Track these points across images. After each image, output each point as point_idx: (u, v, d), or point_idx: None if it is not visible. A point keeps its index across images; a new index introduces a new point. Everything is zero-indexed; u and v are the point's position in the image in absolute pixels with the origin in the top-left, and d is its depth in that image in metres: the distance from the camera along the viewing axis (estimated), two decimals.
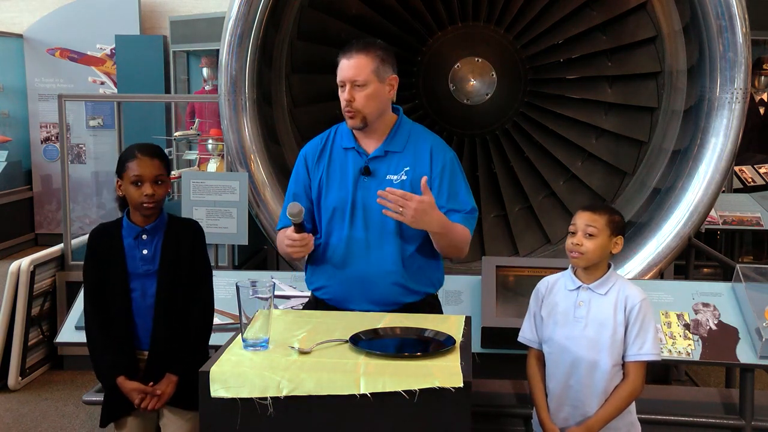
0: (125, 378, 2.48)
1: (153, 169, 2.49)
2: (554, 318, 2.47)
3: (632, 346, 2.40)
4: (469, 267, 4.39)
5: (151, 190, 2.47)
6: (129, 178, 2.47)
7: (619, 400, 2.40)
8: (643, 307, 2.40)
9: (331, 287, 2.62)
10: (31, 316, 4.45)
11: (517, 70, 4.69)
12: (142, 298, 2.51)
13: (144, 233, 2.53)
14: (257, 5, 4.01)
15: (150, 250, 2.52)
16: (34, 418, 4.04)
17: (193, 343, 2.55)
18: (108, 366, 2.50)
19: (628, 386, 2.41)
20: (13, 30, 8.34)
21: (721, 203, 5.35)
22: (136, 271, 2.51)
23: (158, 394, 2.49)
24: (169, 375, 2.51)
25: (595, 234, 2.40)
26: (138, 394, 2.47)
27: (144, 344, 2.53)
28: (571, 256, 2.43)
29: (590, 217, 2.41)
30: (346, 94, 2.52)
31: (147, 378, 2.51)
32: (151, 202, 2.48)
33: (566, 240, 2.46)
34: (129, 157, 2.49)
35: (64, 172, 4.72)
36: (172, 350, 2.51)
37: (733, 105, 3.84)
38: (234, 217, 4.16)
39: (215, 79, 6.95)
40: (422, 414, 1.92)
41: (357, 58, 2.51)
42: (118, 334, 2.50)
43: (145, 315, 2.51)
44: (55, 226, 8.22)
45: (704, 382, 4.43)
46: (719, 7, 3.78)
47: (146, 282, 2.51)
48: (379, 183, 2.56)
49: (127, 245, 2.52)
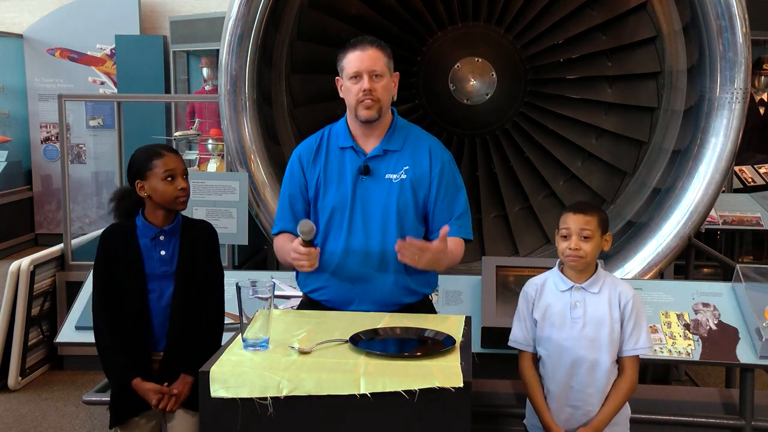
0: (141, 379, 2.47)
1: (181, 164, 2.52)
2: (550, 320, 2.47)
3: (628, 341, 2.42)
4: (469, 267, 4.39)
5: (186, 184, 2.49)
6: (159, 175, 2.46)
7: (620, 395, 2.42)
8: (636, 301, 2.44)
9: (330, 288, 2.60)
10: (31, 316, 4.45)
11: (517, 70, 4.69)
12: (158, 299, 2.51)
13: (162, 234, 2.52)
14: (257, 5, 4.01)
15: (168, 251, 2.52)
16: (34, 418, 4.04)
17: (206, 344, 2.52)
18: (121, 367, 2.48)
19: (627, 381, 2.43)
20: (13, 30, 8.34)
21: (721, 203, 5.36)
22: (154, 272, 2.50)
23: (175, 393, 2.48)
24: (184, 375, 2.50)
25: (590, 236, 2.40)
26: (155, 394, 2.46)
27: (158, 345, 2.52)
28: (568, 260, 2.43)
29: (584, 220, 2.41)
30: (365, 83, 2.50)
31: (160, 379, 2.50)
32: (185, 196, 2.49)
33: (558, 244, 2.45)
34: (153, 156, 2.49)
35: (64, 172, 4.72)
36: (186, 351, 2.50)
37: (733, 105, 3.84)
38: (234, 217, 4.16)
39: (215, 79, 6.95)
40: (422, 414, 1.92)
41: (373, 50, 2.52)
42: (132, 335, 2.49)
43: (160, 316, 2.51)
44: (55, 226, 8.22)
45: (704, 382, 4.43)
46: (719, 7, 3.78)
47: (163, 283, 2.51)
48: (378, 182, 2.56)
49: (143, 246, 2.51)
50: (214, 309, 2.60)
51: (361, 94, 2.50)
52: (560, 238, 2.44)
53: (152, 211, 2.53)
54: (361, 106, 2.52)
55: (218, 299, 2.63)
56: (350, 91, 2.54)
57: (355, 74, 2.52)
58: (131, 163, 2.54)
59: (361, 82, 2.51)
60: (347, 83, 2.55)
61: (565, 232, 2.42)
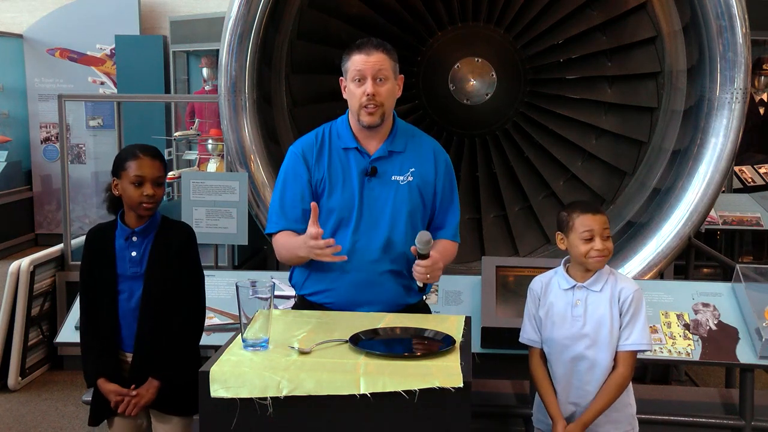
0: (105, 380, 2.47)
1: (154, 170, 2.48)
2: (551, 318, 2.48)
3: (621, 336, 2.41)
4: (469, 267, 4.39)
5: (152, 191, 2.46)
6: (129, 178, 2.46)
7: (609, 390, 2.40)
8: (636, 297, 2.42)
9: (335, 291, 2.56)
10: (31, 316, 4.45)
11: (517, 70, 4.69)
12: (128, 301, 2.50)
13: (134, 235, 2.51)
14: (257, 5, 4.01)
15: (138, 252, 2.50)
16: (34, 418, 4.04)
17: (179, 348, 2.52)
18: (92, 367, 2.50)
19: (616, 376, 2.41)
20: (13, 30, 8.33)
21: (721, 203, 5.36)
22: (125, 273, 2.50)
23: (134, 395, 2.46)
24: (150, 379, 2.49)
25: (609, 234, 2.44)
26: (115, 396, 2.46)
27: (129, 347, 2.51)
28: (594, 261, 2.41)
29: (603, 219, 2.43)
30: (368, 87, 2.47)
31: (132, 381, 2.49)
32: (150, 203, 2.47)
33: (580, 247, 2.41)
34: (129, 157, 2.48)
35: (64, 172, 4.72)
36: (156, 354, 2.49)
37: (733, 105, 3.84)
38: (234, 217, 4.15)
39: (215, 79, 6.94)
40: (422, 414, 1.92)
41: (378, 54, 2.49)
42: (103, 336, 2.50)
43: (130, 317, 2.50)
44: (55, 226, 8.21)
45: (704, 382, 4.43)
46: (719, 8, 3.78)
47: (134, 284, 2.50)
48: (385, 184, 2.55)
49: (118, 247, 2.51)
50: (188, 312, 2.56)
51: (365, 98, 2.47)
52: (581, 241, 2.41)
53: (127, 211, 2.53)
54: (364, 111, 2.49)
55: (194, 303, 2.59)
56: (353, 95, 2.51)
57: (359, 77, 2.49)
58: (115, 158, 2.55)
59: (364, 86, 2.47)
60: (350, 86, 2.52)
61: (588, 234, 2.40)
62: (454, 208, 2.67)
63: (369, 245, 2.53)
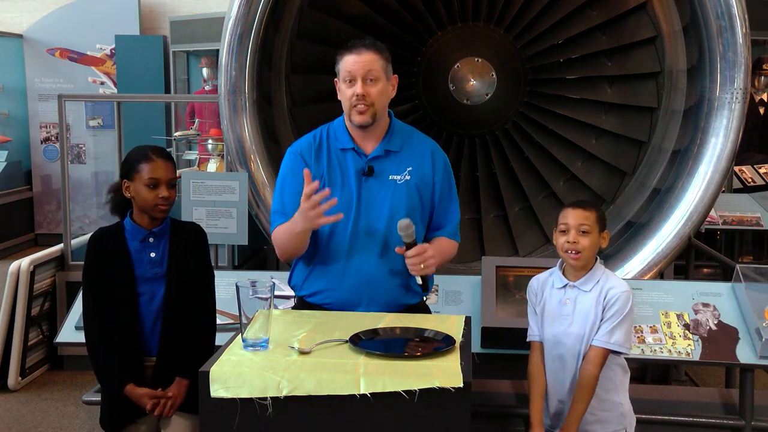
0: (134, 385, 2.44)
1: (168, 172, 2.47)
2: (544, 317, 2.50)
3: (599, 331, 2.38)
4: (469, 267, 4.39)
5: (167, 193, 2.46)
6: (143, 180, 2.44)
7: (581, 393, 2.38)
8: (622, 298, 2.39)
9: (334, 291, 2.56)
10: (31, 316, 4.45)
11: (517, 70, 4.69)
12: (149, 303, 2.48)
13: (151, 236, 2.50)
14: (257, 5, 4.01)
15: (158, 253, 2.50)
16: (34, 418, 4.04)
17: (200, 347, 2.51)
18: (114, 375, 2.45)
19: (583, 373, 2.38)
20: (13, 30, 8.33)
21: (721, 203, 5.36)
22: (145, 275, 2.48)
23: (170, 397, 2.45)
24: (179, 379, 2.48)
25: (588, 231, 2.41)
26: (149, 399, 2.44)
27: (151, 349, 2.50)
28: (568, 257, 2.43)
29: (582, 215, 2.42)
30: (358, 88, 2.46)
31: (154, 384, 2.47)
32: (165, 205, 2.47)
33: (557, 239, 2.46)
34: (142, 159, 2.46)
35: (64, 172, 4.72)
36: (180, 354, 2.48)
37: (733, 105, 3.85)
38: (234, 217, 4.15)
39: (215, 79, 6.95)
40: (422, 414, 1.92)
41: (368, 54, 2.47)
42: (124, 341, 2.46)
43: (151, 319, 2.49)
44: (55, 226, 8.22)
45: (704, 382, 4.43)
46: (719, 7, 3.78)
47: (155, 286, 2.49)
48: (383, 183, 2.55)
49: (133, 249, 2.49)
50: (206, 311, 2.59)
51: (354, 98, 2.47)
52: (559, 233, 2.45)
53: (138, 213, 2.51)
54: (354, 111, 2.49)
55: (210, 301, 2.61)
56: (345, 95, 2.52)
57: (350, 78, 2.48)
58: (124, 160, 2.53)
59: (354, 87, 2.47)
60: (342, 86, 2.53)
61: (564, 227, 2.43)
62: (453, 207, 2.67)
63: (367, 245, 2.53)
